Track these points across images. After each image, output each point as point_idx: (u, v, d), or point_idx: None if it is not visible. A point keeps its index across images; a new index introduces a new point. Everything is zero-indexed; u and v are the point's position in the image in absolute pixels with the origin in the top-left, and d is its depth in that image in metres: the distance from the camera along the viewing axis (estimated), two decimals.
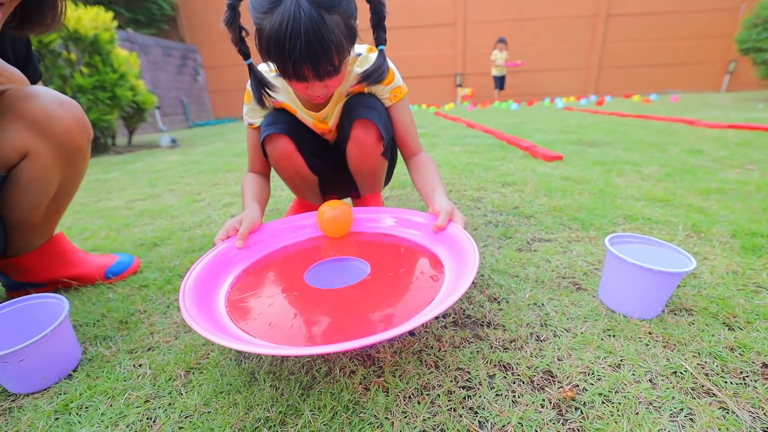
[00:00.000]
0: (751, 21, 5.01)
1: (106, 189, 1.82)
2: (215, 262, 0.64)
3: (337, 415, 0.43)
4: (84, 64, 3.10)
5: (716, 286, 0.63)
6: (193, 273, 0.58)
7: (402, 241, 0.74)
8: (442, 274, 0.59)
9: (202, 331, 0.41)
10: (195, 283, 0.56)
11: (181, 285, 0.54)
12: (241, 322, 0.52)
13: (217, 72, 8.21)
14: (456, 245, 0.61)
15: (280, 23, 0.55)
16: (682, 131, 2.38)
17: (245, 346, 0.39)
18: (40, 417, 0.46)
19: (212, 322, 0.49)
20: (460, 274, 0.53)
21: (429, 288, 0.56)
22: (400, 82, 0.82)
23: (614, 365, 0.48)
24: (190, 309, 0.48)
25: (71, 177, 0.72)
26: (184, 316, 0.46)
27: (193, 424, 0.43)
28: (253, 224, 0.71)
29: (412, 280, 0.59)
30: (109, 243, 1.05)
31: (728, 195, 1.09)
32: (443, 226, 0.65)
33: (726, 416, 0.40)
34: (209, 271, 0.61)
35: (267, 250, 0.74)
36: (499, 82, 7.29)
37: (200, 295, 0.55)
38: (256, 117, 0.85)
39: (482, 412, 0.42)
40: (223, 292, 0.60)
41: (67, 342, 0.54)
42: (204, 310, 0.52)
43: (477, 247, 0.55)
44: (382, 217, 0.81)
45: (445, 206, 0.67)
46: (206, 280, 0.59)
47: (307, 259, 0.69)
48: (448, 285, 0.55)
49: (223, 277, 0.64)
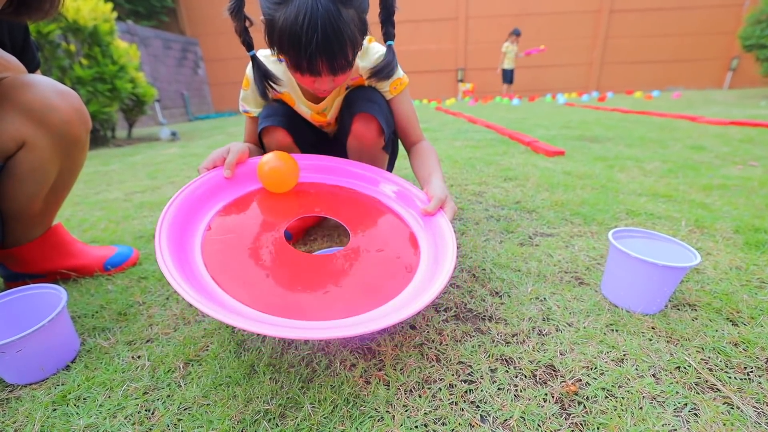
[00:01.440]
0: (755, 17, 4.97)
1: (106, 181, 1.81)
2: (199, 192, 0.62)
3: (337, 408, 0.43)
4: (83, 55, 3.07)
5: (719, 282, 0.63)
6: (174, 203, 0.57)
7: (389, 211, 0.71)
8: (416, 266, 0.58)
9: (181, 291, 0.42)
10: (174, 217, 0.55)
11: (159, 218, 0.53)
12: (216, 273, 0.51)
13: (217, 65, 8.16)
14: (437, 238, 0.61)
15: (296, 15, 0.54)
16: (684, 128, 2.37)
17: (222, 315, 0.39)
18: (38, 408, 0.46)
19: (187, 272, 0.49)
20: (433, 276, 0.53)
21: (402, 278, 0.55)
22: (401, 74, 0.81)
23: (617, 360, 0.47)
24: (166, 259, 0.47)
25: (69, 168, 0.71)
26: (160, 267, 0.45)
27: (192, 416, 0.43)
28: (241, 154, 0.69)
29: (386, 264, 0.58)
30: (109, 235, 1.04)
31: (731, 191, 1.09)
32: (432, 213, 0.65)
33: (731, 411, 0.39)
34: (191, 202, 0.60)
35: (252, 185, 0.71)
36: (508, 76, 6.97)
37: (178, 231, 0.54)
38: (253, 105, 0.84)
39: (484, 406, 0.42)
40: (201, 228, 0.59)
41: (65, 333, 0.54)
42: (179, 255, 0.51)
43: (455, 249, 0.55)
44: (380, 181, 0.79)
45: (438, 193, 0.66)
46: (187, 213, 0.58)
47: (291, 207, 0.67)
48: (422, 281, 0.55)
49: (204, 211, 0.62)
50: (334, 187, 0.77)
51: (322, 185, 0.77)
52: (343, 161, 0.81)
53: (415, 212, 0.70)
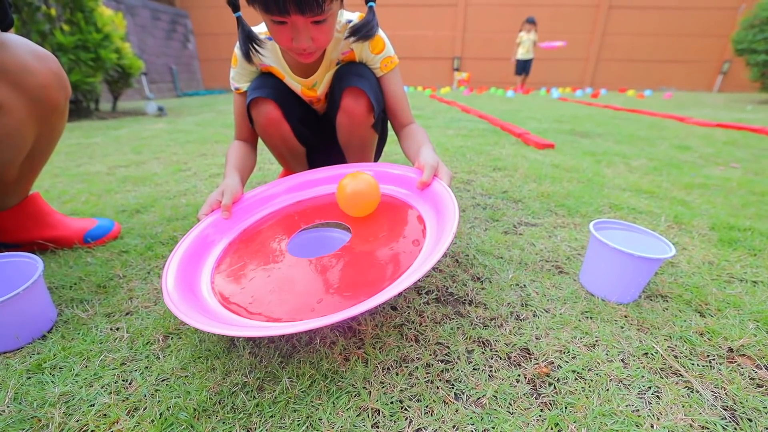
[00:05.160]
0: (749, 21, 5.03)
1: (88, 154, 1.76)
2: (201, 237, 0.63)
3: (315, 383, 0.43)
4: (65, 21, 2.93)
5: (692, 275, 0.65)
6: (178, 252, 0.57)
7: (385, 197, 0.70)
8: (423, 236, 0.58)
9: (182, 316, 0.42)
10: (180, 264, 0.56)
11: (164, 266, 0.54)
12: (226, 301, 0.52)
13: (208, 39, 7.90)
14: (438, 203, 0.59)
15: None
16: (673, 127, 2.41)
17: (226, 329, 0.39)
18: (11, 375, 0.45)
19: (195, 302, 0.49)
20: (439, 237, 0.51)
21: (410, 253, 0.54)
22: (392, 53, 0.80)
23: (589, 345, 0.49)
24: (172, 293, 0.48)
25: (47, 135, 0.68)
26: (166, 303, 0.46)
27: (170, 386, 0.43)
28: (234, 195, 0.70)
29: (393, 245, 0.58)
30: (90, 208, 1.02)
31: (711, 190, 1.12)
32: (428, 182, 0.62)
33: (690, 395, 0.41)
34: (195, 248, 0.61)
35: (250, 219, 0.72)
36: (522, 67, 6.49)
37: (184, 275, 0.54)
38: (243, 81, 0.82)
39: (458, 384, 0.43)
40: (208, 269, 0.60)
41: (40, 302, 0.53)
42: (187, 290, 0.51)
43: (458, 208, 0.53)
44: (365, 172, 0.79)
45: (429, 161, 0.64)
46: (191, 258, 0.59)
47: (291, 226, 0.68)
48: (427, 249, 0.54)
49: (209, 252, 0.63)
50: (327, 195, 0.77)
51: (316, 198, 0.77)
52: (332, 168, 0.80)
53: (406, 189, 0.69)
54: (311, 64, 0.79)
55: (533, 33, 6.21)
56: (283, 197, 0.78)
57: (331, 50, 0.78)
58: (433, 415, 0.39)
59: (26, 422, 0.39)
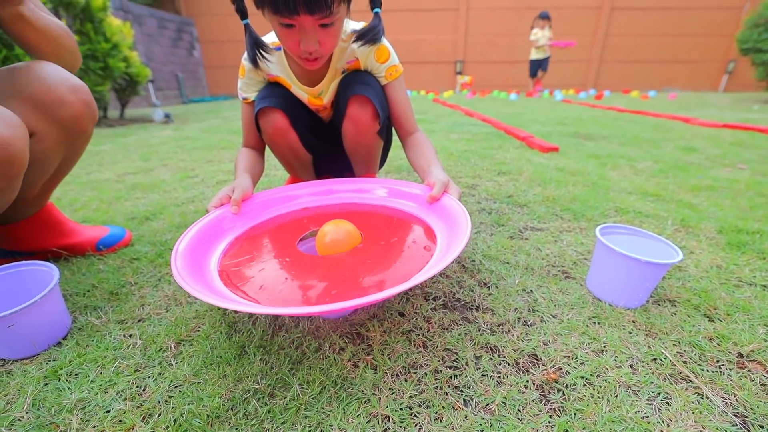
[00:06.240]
0: (754, 21, 4.99)
1: (98, 161, 1.79)
2: (209, 227, 0.64)
3: (325, 390, 0.44)
4: (75, 31, 2.99)
5: (700, 280, 0.65)
6: (187, 237, 0.58)
7: (395, 211, 0.73)
8: (434, 244, 0.59)
9: (189, 289, 0.42)
10: (187, 247, 0.57)
11: (174, 247, 0.55)
12: (232, 286, 0.53)
13: (213, 47, 7.99)
14: (449, 216, 0.61)
15: None
16: (678, 129, 2.40)
17: (234, 305, 0.40)
18: (29, 382, 0.46)
19: (202, 283, 0.50)
20: (451, 243, 0.53)
21: (420, 257, 0.56)
22: (396, 62, 0.82)
23: (597, 351, 0.49)
24: (180, 269, 0.48)
25: (71, 156, 0.71)
26: (174, 276, 0.46)
27: (183, 393, 0.44)
28: (245, 192, 0.71)
29: (404, 248, 0.59)
30: (100, 215, 1.04)
31: (718, 192, 1.11)
32: (438, 197, 0.65)
33: (700, 401, 0.41)
34: (203, 236, 0.62)
35: (260, 218, 0.73)
36: (536, 66, 6.18)
37: (192, 257, 0.55)
38: (250, 91, 0.84)
39: (467, 390, 0.44)
40: (215, 258, 0.61)
41: (56, 309, 0.54)
42: (195, 272, 0.52)
43: (469, 218, 0.54)
44: (375, 188, 0.80)
45: (440, 177, 0.66)
46: (199, 245, 0.59)
47: (300, 228, 0.69)
48: (439, 254, 0.55)
49: (216, 242, 0.64)
50: (337, 205, 0.79)
51: (324, 206, 0.79)
52: (334, 181, 0.82)
53: (416, 203, 0.72)
54: (317, 74, 0.80)
55: (547, 29, 5.83)
56: (298, 201, 0.80)
57: (336, 59, 0.79)
58: (443, 422, 0.40)
59: (45, 428, 0.40)
